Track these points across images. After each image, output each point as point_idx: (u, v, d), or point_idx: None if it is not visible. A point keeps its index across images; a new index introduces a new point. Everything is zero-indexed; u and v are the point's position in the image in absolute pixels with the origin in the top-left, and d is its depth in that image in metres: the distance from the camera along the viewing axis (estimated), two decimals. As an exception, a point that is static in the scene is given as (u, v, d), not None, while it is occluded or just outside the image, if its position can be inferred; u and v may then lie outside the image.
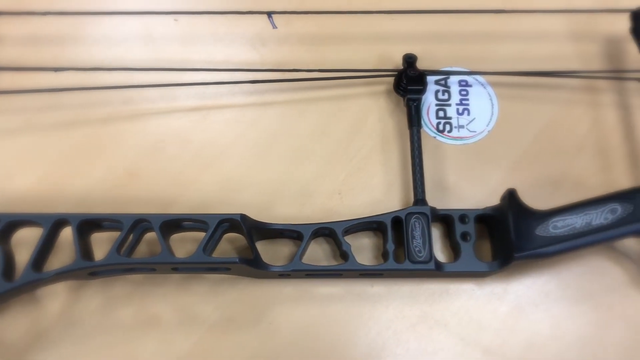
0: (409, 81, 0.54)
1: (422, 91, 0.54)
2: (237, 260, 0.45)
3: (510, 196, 0.48)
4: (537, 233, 0.47)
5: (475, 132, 0.56)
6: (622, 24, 0.56)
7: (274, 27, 0.55)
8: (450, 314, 0.50)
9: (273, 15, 0.57)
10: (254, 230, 0.49)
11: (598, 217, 0.47)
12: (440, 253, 0.52)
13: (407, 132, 0.53)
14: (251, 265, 0.47)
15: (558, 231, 0.47)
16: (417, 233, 0.49)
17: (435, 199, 0.53)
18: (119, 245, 0.46)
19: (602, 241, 0.47)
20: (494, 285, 0.51)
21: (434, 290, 0.51)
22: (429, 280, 0.51)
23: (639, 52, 0.55)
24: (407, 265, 0.48)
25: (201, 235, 0.47)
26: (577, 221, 0.47)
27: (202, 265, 0.46)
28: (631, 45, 0.56)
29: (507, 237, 0.47)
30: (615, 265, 0.52)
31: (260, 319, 0.50)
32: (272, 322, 0.49)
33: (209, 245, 0.47)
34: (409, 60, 0.54)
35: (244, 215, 0.47)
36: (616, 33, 0.58)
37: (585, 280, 0.51)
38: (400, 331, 0.49)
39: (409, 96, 0.54)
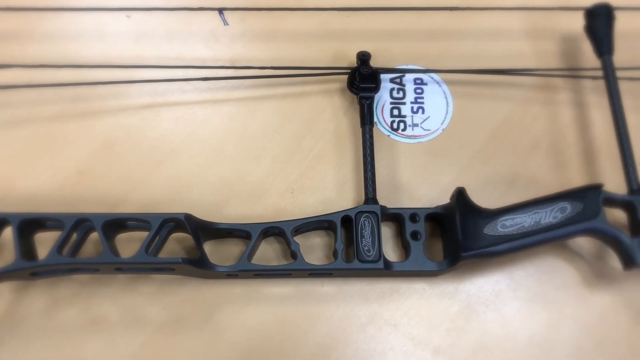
0: (361, 79, 0.53)
1: (375, 89, 0.54)
2: (180, 260, 0.45)
3: (459, 195, 0.48)
4: (485, 232, 0.47)
5: (429, 130, 0.55)
6: (579, 22, 0.56)
7: (226, 23, 0.55)
8: (400, 313, 0.49)
9: (225, 12, 0.56)
10: (201, 230, 0.48)
11: (547, 216, 0.47)
12: (391, 252, 0.51)
13: (361, 131, 0.52)
14: (196, 266, 0.46)
15: (506, 230, 0.47)
16: (367, 232, 0.48)
17: (389, 198, 0.53)
18: (60, 246, 0.45)
19: (550, 240, 0.47)
20: (445, 285, 0.51)
21: (385, 290, 0.50)
22: (380, 280, 0.50)
23: (593, 50, 0.54)
24: (355, 264, 0.47)
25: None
26: (525, 220, 0.47)
27: (144, 265, 0.46)
28: (587, 43, 0.56)
29: (455, 236, 0.47)
30: (567, 265, 0.51)
31: (208, 319, 0.49)
32: (220, 323, 0.49)
33: (153, 245, 0.46)
34: (363, 58, 0.54)
35: (189, 214, 0.46)
36: (573, 31, 0.57)
37: (537, 279, 0.51)
38: (350, 331, 0.49)
39: (361, 94, 0.53)
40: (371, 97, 0.53)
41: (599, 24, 0.53)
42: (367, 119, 0.53)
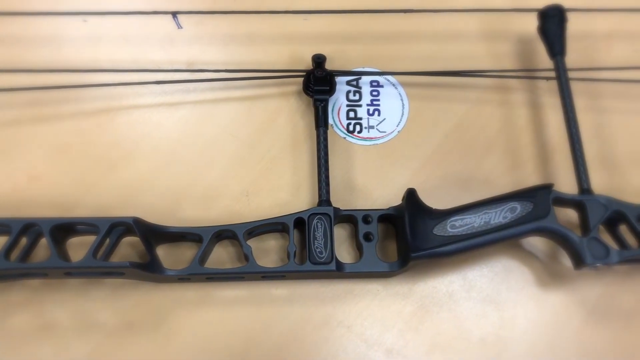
0: (316, 82, 0.53)
1: (329, 92, 0.54)
2: (129, 264, 0.45)
3: (409, 196, 0.48)
4: (434, 233, 0.47)
5: (385, 132, 0.55)
6: (534, 24, 0.56)
7: (179, 27, 0.55)
8: (354, 315, 0.49)
9: (181, 16, 0.56)
10: (152, 233, 0.48)
11: (497, 216, 0.47)
12: (346, 254, 0.51)
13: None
14: (145, 270, 0.46)
15: (456, 231, 0.47)
16: (319, 234, 0.48)
17: (345, 200, 0.53)
18: (7, 250, 0.44)
19: (499, 240, 0.47)
20: (399, 286, 0.51)
21: (339, 291, 0.50)
22: (334, 281, 0.50)
23: (546, 51, 0.54)
24: (308, 266, 0.47)
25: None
26: (475, 220, 0.47)
27: (93, 270, 0.45)
28: (542, 44, 0.56)
29: (405, 237, 0.47)
30: (521, 265, 0.52)
31: (161, 323, 0.49)
32: (172, 327, 0.49)
33: (103, 249, 0.46)
34: (318, 60, 0.54)
35: (137, 218, 0.46)
36: (528, 32, 0.58)
37: (490, 280, 0.51)
38: (303, 333, 0.49)
39: (316, 97, 0.53)
40: (325, 100, 0.54)
41: (551, 26, 0.54)
42: (321, 121, 0.53)
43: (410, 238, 0.46)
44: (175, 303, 0.49)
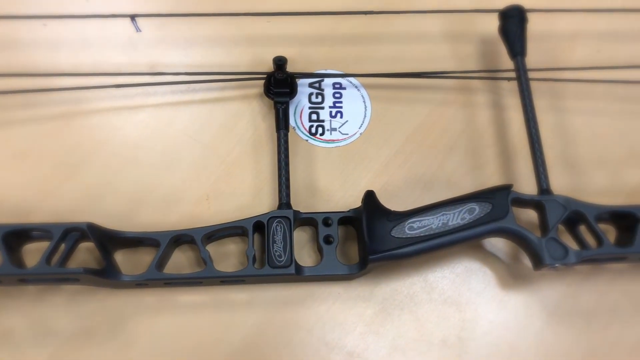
0: (276, 84, 0.53)
1: (290, 94, 0.54)
2: (82, 270, 0.44)
3: (367, 198, 0.48)
4: (392, 235, 0.47)
5: (347, 134, 0.55)
6: (497, 24, 0.56)
7: (138, 30, 0.54)
8: (315, 318, 0.49)
9: (144, 18, 0.55)
10: (108, 239, 0.47)
11: (455, 217, 0.47)
12: (307, 257, 0.51)
13: (278, 136, 0.52)
14: (100, 276, 0.45)
15: (414, 232, 0.47)
16: (279, 237, 0.48)
17: (306, 203, 0.53)
18: (-42, 258, 0.44)
19: (458, 242, 0.47)
20: (361, 288, 0.50)
21: (300, 295, 0.50)
22: (295, 285, 0.50)
23: (507, 52, 0.54)
24: (266, 270, 0.47)
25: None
26: (433, 222, 0.47)
27: (47, 276, 0.45)
28: (504, 45, 0.56)
29: (363, 240, 0.47)
30: (483, 266, 0.52)
31: (119, 330, 0.48)
32: (131, 333, 0.48)
33: (59, 255, 0.45)
34: (279, 63, 0.54)
35: (91, 224, 0.46)
36: (491, 33, 0.57)
37: (452, 281, 0.51)
38: (264, 338, 0.49)
39: (276, 99, 0.53)
40: (286, 102, 0.53)
41: (512, 26, 0.54)
42: (282, 123, 0.52)
43: (367, 240, 0.46)
44: (134, 309, 0.49)
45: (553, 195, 0.48)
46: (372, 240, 0.46)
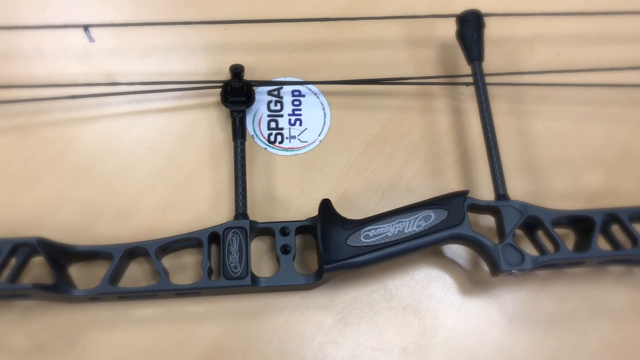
0: (232, 92, 0.53)
1: (246, 102, 0.53)
2: (32, 286, 0.43)
3: (322, 207, 0.47)
4: (348, 243, 0.46)
5: (306, 142, 0.55)
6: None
7: (92, 40, 0.53)
8: (273, 329, 0.49)
9: (100, 28, 0.55)
10: (61, 253, 0.47)
11: (411, 224, 0.47)
12: (266, 267, 0.50)
13: (236, 145, 0.52)
14: (50, 291, 0.44)
15: (369, 241, 0.46)
16: (234, 248, 0.47)
17: (265, 212, 0.52)
18: None
19: (414, 249, 0.46)
20: (320, 298, 0.50)
21: (258, 306, 0.49)
22: (253, 296, 0.50)
23: (464, 56, 0.54)
24: (221, 282, 0.47)
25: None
26: (389, 230, 0.47)
27: (-6, 292, 0.44)
28: (464, 50, 0.56)
29: (318, 249, 0.46)
30: (443, 272, 0.51)
31: (74, 345, 0.48)
32: (86, 348, 0.47)
33: (8, 270, 0.45)
34: (235, 71, 0.53)
35: (41, 238, 0.45)
36: (450, 38, 0.57)
37: (412, 288, 0.51)
38: (221, 350, 0.48)
39: (232, 108, 0.53)
40: (243, 111, 0.53)
41: (468, 31, 0.54)
42: (238, 132, 0.52)
43: (322, 250, 0.46)
44: (89, 323, 0.48)
45: (509, 201, 0.48)
46: (327, 250, 0.46)
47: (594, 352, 0.49)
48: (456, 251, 0.52)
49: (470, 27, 0.53)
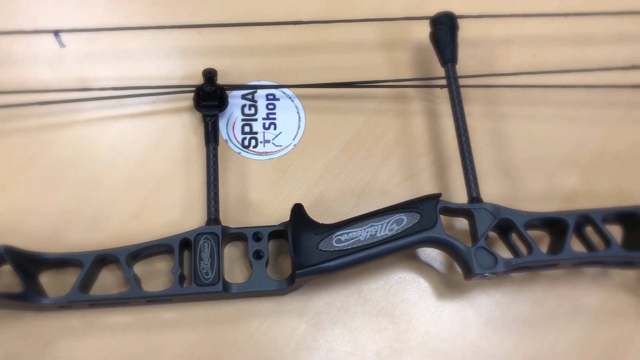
0: (204, 97, 0.52)
1: (219, 107, 0.53)
2: (-2, 295, 0.43)
3: (294, 212, 0.47)
4: (319, 248, 0.46)
5: (281, 146, 0.54)
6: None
7: (62, 45, 0.53)
8: (246, 336, 0.48)
9: (72, 33, 0.54)
10: (30, 261, 0.46)
11: (383, 228, 0.46)
12: (239, 273, 0.50)
13: (209, 150, 0.52)
14: (17, 300, 0.44)
15: (341, 245, 0.46)
16: (206, 254, 0.47)
17: (239, 217, 0.52)
18: None
19: (386, 253, 0.46)
20: (294, 303, 0.50)
21: (231, 312, 0.49)
22: (226, 302, 0.49)
23: (438, 59, 0.54)
24: (192, 288, 0.46)
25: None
26: (361, 234, 0.46)
27: (-39, 302, 0.43)
28: (439, 52, 0.56)
29: (290, 254, 0.46)
30: (418, 276, 0.51)
31: (44, 354, 0.47)
32: (57, 357, 0.47)
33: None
34: (208, 75, 0.53)
35: (9, 246, 0.45)
36: (425, 40, 0.57)
37: (386, 292, 0.50)
38: (195, 357, 0.47)
39: (205, 112, 0.52)
40: (215, 115, 0.52)
41: (442, 33, 0.53)
42: (211, 137, 0.52)
43: (294, 255, 0.45)
44: (60, 331, 0.48)
45: (482, 204, 0.48)
46: (298, 255, 0.45)
47: (570, 354, 0.49)
48: (431, 254, 0.51)
49: (444, 29, 0.53)
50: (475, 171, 0.49)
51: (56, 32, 0.52)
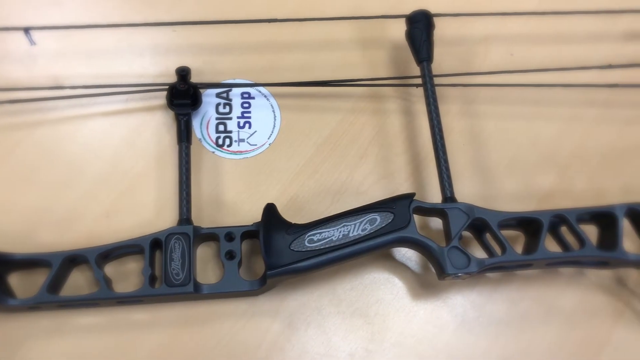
0: (177, 95, 0.52)
1: (192, 105, 0.52)
2: (-39, 296, 0.42)
3: (266, 212, 0.47)
4: (291, 248, 0.45)
5: (256, 145, 0.54)
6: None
7: (32, 43, 0.52)
8: (218, 337, 0.48)
9: (44, 31, 0.53)
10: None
11: (356, 228, 0.46)
12: (212, 273, 0.49)
13: (182, 148, 0.51)
14: (-20, 301, 0.43)
15: (313, 245, 0.45)
16: (177, 255, 0.46)
17: (213, 217, 0.51)
18: None
19: (359, 253, 0.46)
20: (267, 304, 0.49)
21: (203, 313, 0.48)
22: (198, 303, 0.49)
23: (413, 57, 0.54)
24: (163, 289, 0.46)
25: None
26: (334, 234, 0.46)
27: None
28: (416, 51, 0.55)
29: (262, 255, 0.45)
30: (393, 276, 0.51)
31: (13, 356, 0.46)
32: (25, 358, 0.46)
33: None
34: (182, 73, 0.52)
35: (-25, 247, 0.44)
36: (402, 39, 0.56)
37: (360, 292, 0.50)
38: (165, 359, 0.47)
39: (177, 111, 0.52)
40: (188, 114, 0.52)
41: (417, 31, 0.53)
42: (183, 136, 0.51)
43: (265, 255, 0.45)
44: (29, 333, 0.47)
45: (456, 203, 0.47)
46: (270, 255, 0.45)
47: (545, 354, 0.49)
48: (406, 254, 0.51)
49: (419, 27, 0.53)
50: (449, 171, 0.49)
51: (26, 30, 0.51)
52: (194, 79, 0.54)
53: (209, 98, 0.55)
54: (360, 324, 0.49)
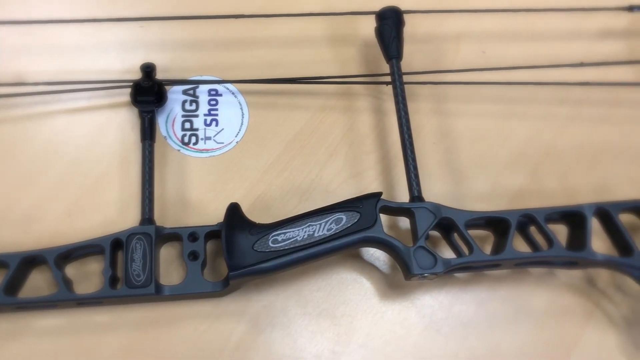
0: (141, 92, 0.51)
1: (156, 102, 0.51)
2: None
3: (229, 212, 0.46)
4: (255, 249, 0.44)
5: (223, 143, 0.53)
6: (379, 27, 0.55)
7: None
8: (181, 340, 0.47)
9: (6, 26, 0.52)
10: (-47, 263, 0.44)
11: (321, 228, 0.45)
12: (176, 275, 0.48)
13: (147, 146, 0.50)
14: (-64, 303, 0.42)
15: (277, 246, 0.45)
16: (138, 255, 0.45)
17: (177, 217, 0.50)
18: None
19: (325, 253, 0.45)
20: (232, 305, 0.48)
21: (166, 315, 0.47)
22: (161, 305, 0.48)
23: (383, 55, 0.53)
24: (123, 290, 0.45)
25: None
26: (299, 234, 0.45)
27: None
28: (387, 48, 0.54)
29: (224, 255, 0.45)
30: (360, 276, 0.50)
31: (-31, 359, 0.45)
32: (-19, 362, 0.45)
33: None
34: (147, 70, 0.51)
35: None
36: (373, 36, 0.56)
37: (327, 293, 0.49)
38: (126, 362, 0.46)
39: (141, 108, 0.50)
40: (152, 111, 0.51)
41: (387, 28, 0.52)
42: (147, 133, 0.50)
43: (227, 256, 0.44)
44: (-14, 336, 0.46)
45: (423, 203, 0.47)
46: (232, 256, 0.44)
47: (514, 355, 0.48)
48: (374, 254, 0.50)
49: (388, 24, 0.52)
50: (417, 169, 0.48)
51: (-14, 25, 0.50)
52: (161, 75, 0.53)
53: (175, 95, 0.54)
54: (327, 325, 0.48)
